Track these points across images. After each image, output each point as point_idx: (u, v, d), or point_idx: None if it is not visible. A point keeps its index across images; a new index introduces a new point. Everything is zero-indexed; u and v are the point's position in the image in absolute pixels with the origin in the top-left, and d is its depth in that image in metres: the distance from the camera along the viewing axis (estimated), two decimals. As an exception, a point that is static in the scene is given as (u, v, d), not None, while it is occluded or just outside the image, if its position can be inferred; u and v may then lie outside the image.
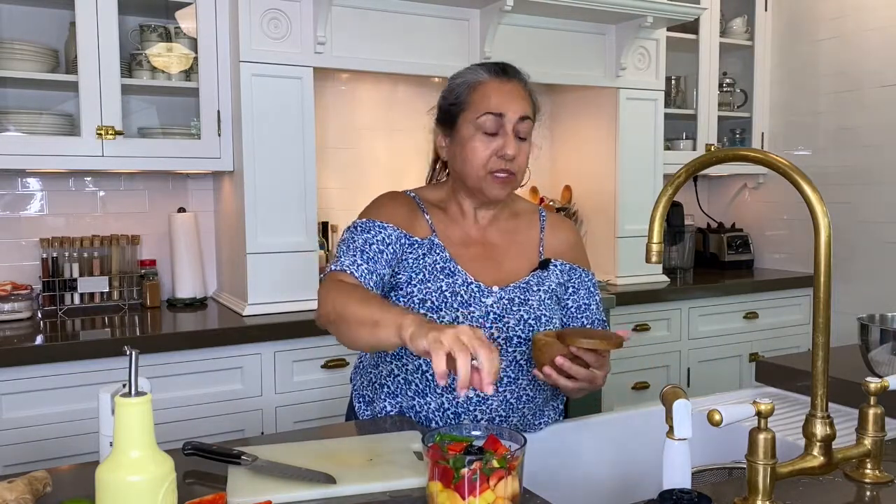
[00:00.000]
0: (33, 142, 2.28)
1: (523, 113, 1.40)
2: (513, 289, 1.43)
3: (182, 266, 2.67)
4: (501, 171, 1.39)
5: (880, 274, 3.17)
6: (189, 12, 2.49)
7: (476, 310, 1.39)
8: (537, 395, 1.43)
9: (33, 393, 2.03)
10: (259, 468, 1.09)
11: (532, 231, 1.53)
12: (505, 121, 1.38)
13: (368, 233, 1.40)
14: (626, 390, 2.98)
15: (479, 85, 1.42)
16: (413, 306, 1.37)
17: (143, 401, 0.84)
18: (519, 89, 1.43)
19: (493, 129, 1.39)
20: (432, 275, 1.40)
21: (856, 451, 1.05)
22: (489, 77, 1.43)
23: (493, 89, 1.41)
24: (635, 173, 3.09)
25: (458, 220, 1.49)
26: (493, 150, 1.38)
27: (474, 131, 1.40)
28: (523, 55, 2.80)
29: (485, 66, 1.46)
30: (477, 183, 1.41)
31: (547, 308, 1.44)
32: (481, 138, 1.39)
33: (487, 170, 1.39)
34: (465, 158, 1.41)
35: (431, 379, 1.38)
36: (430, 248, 1.43)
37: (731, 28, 3.54)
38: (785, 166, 0.99)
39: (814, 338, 1.00)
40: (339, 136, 3.01)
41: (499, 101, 1.39)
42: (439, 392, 1.38)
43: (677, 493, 0.87)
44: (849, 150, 3.27)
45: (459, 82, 1.46)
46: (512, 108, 1.39)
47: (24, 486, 0.97)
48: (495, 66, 1.45)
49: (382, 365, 1.46)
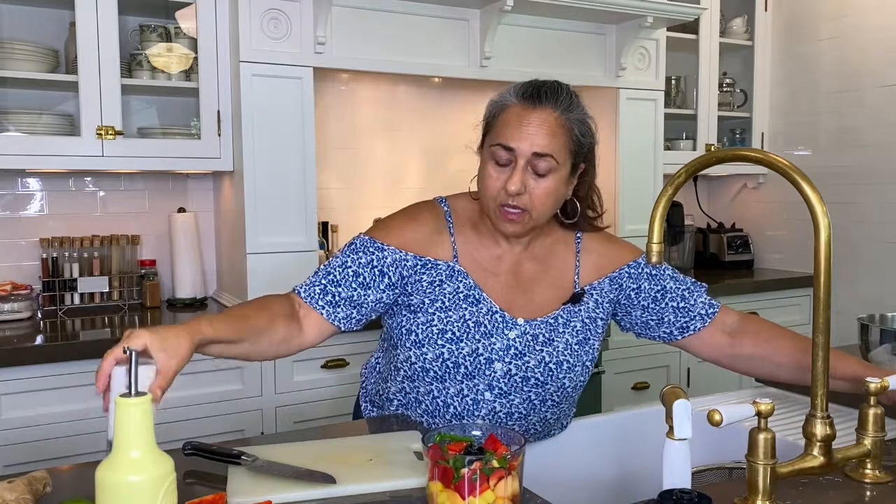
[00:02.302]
0: (33, 142, 2.28)
1: (540, 149, 1.26)
2: (539, 323, 1.35)
3: (182, 266, 2.67)
4: (510, 206, 1.29)
5: (880, 274, 3.17)
6: (189, 12, 2.49)
7: (497, 341, 1.33)
8: (544, 431, 1.41)
9: (33, 393, 2.03)
10: (259, 468, 1.09)
11: (568, 257, 1.43)
12: (517, 153, 1.27)
13: (356, 253, 1.36)
14: (626, 390, 2.98)
15: (505, 109, 1.31)
16: (432, 337, 1.33)
17: (143, 401, 0.84)
18: (547, 119, 1.27)
19: (505, 160, 1.28)
20: (454, 303, 1.33)
21: (856, 451, 1.05)
22: (516, 101, 1.30)
23: (514, 116, 1.29)
24: (635, 173, 3.09)
25: (490, 241, 1.40)
26: (503, 181, 1.28)
27: (489, 158, 1.31)
28: (523, 55, 2.81)
29: (520, 87, 1.32)
30: (489, 213, 1.34)
31: (572, 354, 1.36)
32: (494, 167, 1.30)
33: (497, 202, 1.30)
34: (480, 185, 1.34)
35: (441, 403, 1.37)
36: (449, 274, 1.36)
37: (731, 28, 3.53)
38: (785, 166, 0.99)
39: (814, 338, 1.00)
40: (339, 136, 3.01)
41: (514, 133, 1.27)
42: (448, 418, 1.36)
43: (677, 493, 0.87)
44: (849, 150, 3.27)
45: (492, 101, 1.36)
46: (526, 142, 1.26)
47: (24, 486, 0.97)
48: (528, 89, 1.31)
49: (391, 382, 1.44)
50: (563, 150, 1.29)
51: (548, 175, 1.28)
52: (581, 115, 1.33)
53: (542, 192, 1.29)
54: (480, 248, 1.39)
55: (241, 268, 2.47)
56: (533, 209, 1.30)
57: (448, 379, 1.35)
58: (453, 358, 1.33)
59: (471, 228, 1.41)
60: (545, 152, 1.27)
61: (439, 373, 1.35)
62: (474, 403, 1.35)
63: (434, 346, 1.33)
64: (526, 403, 1.35)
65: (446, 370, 1.34)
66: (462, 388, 1.34)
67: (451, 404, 1.36)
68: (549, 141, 1.27)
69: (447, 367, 1.34)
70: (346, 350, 2.40)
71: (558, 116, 1.29)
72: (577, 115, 1.32)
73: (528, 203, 1.29)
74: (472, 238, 1.40)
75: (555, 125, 1.28)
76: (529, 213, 1.30)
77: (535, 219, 1.32)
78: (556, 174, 1.29)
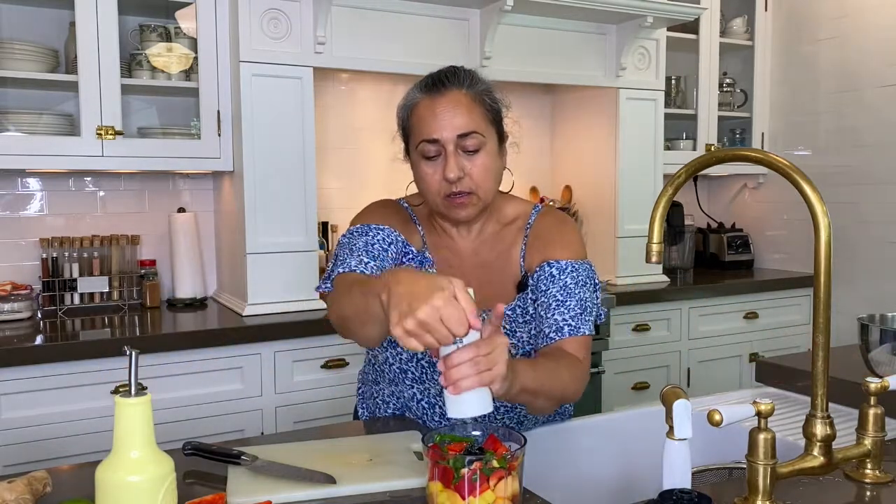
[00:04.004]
0: (33, 142, 2.28)
1: (461, 129, 1.27)
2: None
3: (182, 266, 2.67)
4: (455, 194, 1.29)
5: (880, 274, 3.17)
6: (189, 12, 2.49)
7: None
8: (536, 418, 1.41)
9: (33, 393, 2.03)
10: (259, 468, 1.09)
11: (517, 240, 1.41)
12: (442, 142, 1.27)
13: (367, 235, 1.34)
14: (626, 390, 2.98)
15: (414, 107, 1.32)
16: None
17: (143, 401, 0.84)
18: (457, 99, 1.28)
19: (435, 152, 1.29)
20: None
21: (856, 451, 1.05)
22: (422, 95, 1.31)
23: (426, 109, 1.29)
24: (635, 173, 3.09)
25: (445, 237, 1.41)
26: (441, 173, 1.29)
27: (419, 158, 1.31)
28: (523, 55, 2.81)
29: (421, 82, 1.33)
30: (438, 208, 1.34)
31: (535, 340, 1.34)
32: (427, 164, 1.30)
33: (442, 196, 1.30)
34: (421, 186, 1.34)
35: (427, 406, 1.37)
36: (421, 262, 1.38)
37: (731, 28, 3.53)
38: (785, 166, 0.99)
39: (814, 338, 1.00)
40: (339, 136, 3.01)
41: (431, 124, 1.28)
42: (437, 420, 1.37)
43: (677, 493, 0.87)
44: (849, 150, 3.27)
45: (400, 106, 1.37)
46: (447, 128, 1.27)
47: (24, 486, 0.97)
48: (429, 80, 1.32)
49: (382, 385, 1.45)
50: (483, 122, 1.30)
51: (479, 151, 1.29)
52: (485, 85, 1.33)
53: (480, 170, 1.29)
54: (439, 243, 1.41)
55: (241, 268, 2.47)
56: (478, 188, 1.30)
57: (427, 380, 1.36)
58: (427, 357, 1.34)
59: (429, 225, 1.43)
60: (468, 130, 1.28)
61: (417, 373, 1.36)
62: None
63: None
64: None
65: (422, 370, 1.35)
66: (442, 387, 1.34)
67: (435, 404, 1.37)
68: (467, 119, 1.28)
69: (422, 366, 1.35)
70: (347, 350, 2.40)
71: (466, 93, 1.30)
72: (482, 87, 1.32)
73: (471, 185, 1.29)
74: (432, 233, 1.42)
75: (466, 102, 1.29)
76: (476, 195, 1.30)
77: (483, 198, 1.32)
78: (485, 149, 1.30)
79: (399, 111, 1.37)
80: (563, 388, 1.24)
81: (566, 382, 1.24)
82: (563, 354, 1.29)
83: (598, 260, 2.98)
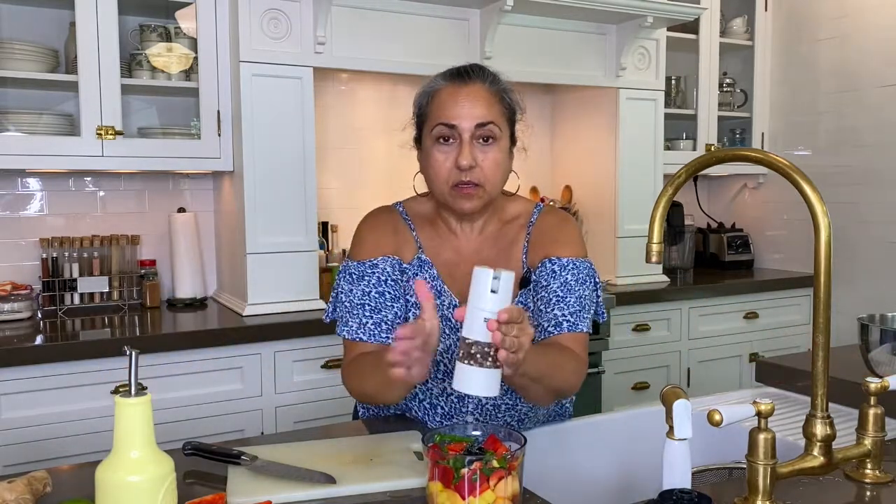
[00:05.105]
0: (33, 142, 2.28)
1: (480, 119, 1.30)
2: None
3: (182, 266, 2.67)
4: (463, 184, 1.31)
5: (880, 274, 3.17)
6: (189, 12, 2.49)
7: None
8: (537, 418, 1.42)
9: (33, 393, 2.03)
10: (259, 468, 1.09)
11: (520, 237, 1.43)
12: (460, 129, 1.30)
13: (363, 279, 1.36)
14: (626, 390, 2.98)
15: (436, 93, 1.35)
16: None
17: (143, 401, 0.84)
18: (479, 92, 1.32)
19: (450, 136, 1.31)
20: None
21: (856, 451, 1.05)
22: (445, 83, 1.34)
23: (448, 96, 1.32)
24: (635, 173, 3.09)
25: (448, 235, 1.42)
26: (453, 161, 1.31)
27: (433, 143, 1.33)
28: (523, 55, 2.81)
29: (445, 72, 1.37)
30: (443, 198, 1.35)
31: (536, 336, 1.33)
32: (440, 149, 1.32)
33: (450, 183, 1.32)
34: (429, 173, 1.35)
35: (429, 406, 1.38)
36: (418, 266, 1.39)
37: (731, 28, 3.53)
38: (785, 166, 0.99)
39: (814, 338, 1.00)
40: (339, 136, 3.01)
41: (452, 110, 1.31)
42: (439, 419, 1.38)
43: (677, 493, 0.87)
44: (849, 150, 3.27)
45: (420, 93, 1.39)
46: (466, 115, 1.30)
47: (24, 486, 0.97)
48: (454, 70, 1.36)
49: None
50: (500, 117, 1.34)
51: (493, 145, 1.32)
52: (506, 85, 1.37)
53: (491, 163, 1.32)
54: (441, 243, 1.42)
55: (241, 268, 2.47)
56: (486, 182, 1.32)
57: (429, 380, 1.36)
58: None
59: (429, 226, 1.44)
60: (486, 120, 1.31)
61: None
62: (460, 401, 1.36)
63: None
64: (511, 394, 1.36)
65: None
66: (445, 386, 1.36)
67: (437, 405, 1.38)
68: (487, 110, 1.31)
69: None
70: (346, 350, 2.39)
71: (489, 87, 1.34)
72: (503, 86, 1.36)
73: (480, 177, 1.31)
74: (432, 234, 1.43)
75: (488, 96, 1.32)
76: (483, 187, 1.32)
77: (490, 192, 1.34)
78: (499, 144, 1.33)
79: (418, 98, 1.39)
80: (564, 379, 1.26)
81: (567, 375, 1.27)
82: (564, 348, 1.30)
83: (599, 260, 2.98)
